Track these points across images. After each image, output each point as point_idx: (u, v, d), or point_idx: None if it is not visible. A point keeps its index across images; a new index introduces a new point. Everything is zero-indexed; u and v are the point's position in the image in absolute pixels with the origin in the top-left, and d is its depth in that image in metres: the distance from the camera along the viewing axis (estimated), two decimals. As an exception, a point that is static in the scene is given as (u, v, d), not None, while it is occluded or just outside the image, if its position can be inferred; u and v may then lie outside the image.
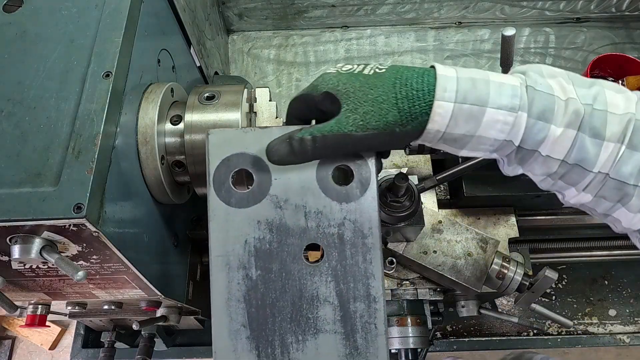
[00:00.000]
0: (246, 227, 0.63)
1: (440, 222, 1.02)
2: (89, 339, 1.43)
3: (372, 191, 0.64)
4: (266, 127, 0.66)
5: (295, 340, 0.61)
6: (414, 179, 1.04)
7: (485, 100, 0.56)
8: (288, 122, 0.67)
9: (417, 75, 0.58)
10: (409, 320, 1.05)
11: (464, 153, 0.62)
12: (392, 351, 1.05)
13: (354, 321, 0.62)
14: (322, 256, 0.63)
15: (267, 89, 0.98)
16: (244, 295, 0.62)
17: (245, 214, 0.63)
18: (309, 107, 0.64)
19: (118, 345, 1.28)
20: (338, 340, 0.61)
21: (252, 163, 0.64)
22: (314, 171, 0.64)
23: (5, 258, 0.74)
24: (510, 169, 0.64)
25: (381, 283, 0.62)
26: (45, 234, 0.68)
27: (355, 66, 0.62)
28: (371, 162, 0.64)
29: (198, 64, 1.25)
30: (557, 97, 0.57)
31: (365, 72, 0.61)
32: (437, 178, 1.03)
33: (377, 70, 0.61)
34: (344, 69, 0.62)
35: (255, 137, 0.64)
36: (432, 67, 0.60)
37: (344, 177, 0.66)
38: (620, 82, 1.17)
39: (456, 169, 1.02)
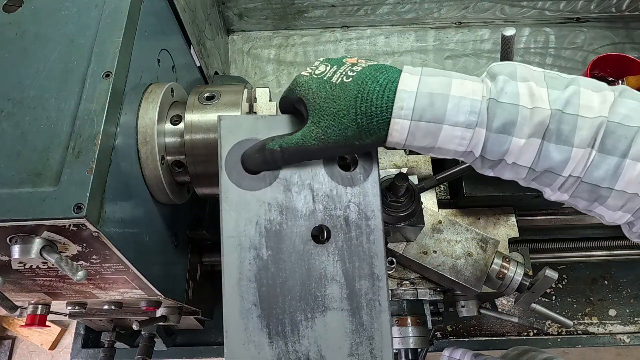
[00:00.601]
0: (257, 209, 0.65)
1: (440, 222, 1.02)
2: (89, 339, 1.43)
3: (374, 176, 0.67)
4: (276, 115, 0.70)
5: (305, 318, 0.63)
6: (414, 179, 1.04)
7: (442, 118, 0.57)
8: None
9: (379, 89, 0.59)
10: (409, 320, 1.05)
11: (432, 156, 0.65)
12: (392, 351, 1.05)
13: (359, 298, 0.64)
14: (328, 237, 0.65)
15: (267, 89, 0.98)
16: (255, 274, 0.63)
17: (256, 196, 0.65)
18: (291, 106, 0.68)
19: (118, 345, 1.28)
20: (345, 317, 0.64)
21: None
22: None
23: (5, 258, 0.74)
24: (481, 171, 0.65)
25: (384, 262, 0.65)
26: (45, 234, 0.68)
27: (328, 68, 0.64)
28: (373, 150, 0.68)
29: (198, 64, 1.25)
30: (521, 107, 0.56)
31: (334, 79, 0.62)
32: (437, 178, 1.03)
33: (344, 79, 0.61)
34: (317, 72, 0.64)
35: (265, 124, 0.68)
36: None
37: (347, 163, 0.70)
38: (620, 82, 1.17)
39: (456, 169, 1.02)
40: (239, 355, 0.61)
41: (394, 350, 1.04)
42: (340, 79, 0.62)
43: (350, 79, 0.61)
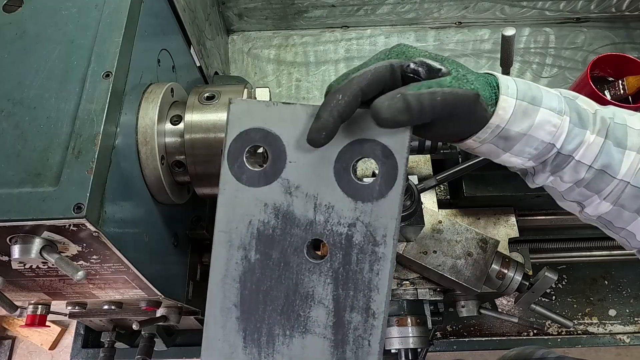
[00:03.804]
0: (252, 208, 0.59)
1: (440, 222, 1.02)
2: (89, 339, 1.43)
3: (395, 194, 0.56)
4: (289, 102, 0.60)
5: (283, 334, 0.59)
6: (414, 179, 1.04)
7: (540, 100, 0.60)
8: (349, 102, 0.53)
9: (482, 77, 0.59)
10: (409, 320, 1.05)
11: (505, 157, 0.62)
12: (392, 351, 1.05)
13: (346, 331, 0.57)
14: (324, 255, 0.59)
15: (267, 89, 0.98)
16: (240, 276, 0.60)
17: (253, 194, 0.59)
18: (386, 81, 0.54)
19: (118, 345, 1.28)
20: (326, 347, 0.58)
21: (268, 140, 0.59)
22: (332, 160, 0.58)
23: (5, 258, 0.74)
24: (540, 179, 0.66)
25: (385, 299, 0.57)
26: (45, 234, 0.68)
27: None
28: (402, 161, 0.56)
29: (198, 64, 1.25)
30: (586, 110, 0.62)
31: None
32: (437, 178, 1.03)
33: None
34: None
35: (277, 112, 0.59)
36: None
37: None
38: (620, 82, 1.17)
39: (456, 169, 1.02)
40: (213, 350, 0.60)
41: (394, 351, 1.05)
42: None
43: None
